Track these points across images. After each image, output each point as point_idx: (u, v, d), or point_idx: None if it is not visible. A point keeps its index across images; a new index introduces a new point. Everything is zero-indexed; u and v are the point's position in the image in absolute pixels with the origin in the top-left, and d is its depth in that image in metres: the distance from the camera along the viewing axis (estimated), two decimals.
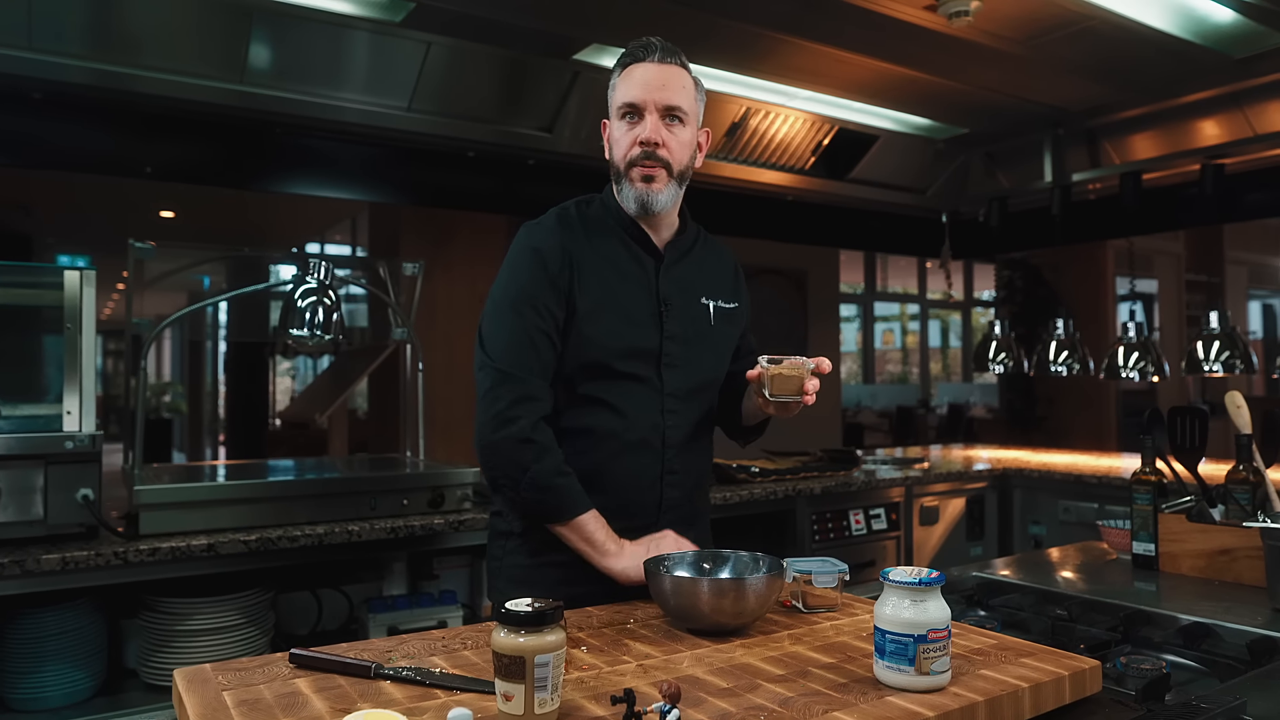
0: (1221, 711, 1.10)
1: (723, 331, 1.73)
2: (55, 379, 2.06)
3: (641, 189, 1.59)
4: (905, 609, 1.06)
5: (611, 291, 1.60)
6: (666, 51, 1.60)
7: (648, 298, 1.63)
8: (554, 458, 1.53)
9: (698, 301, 1.69)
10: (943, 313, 12.76)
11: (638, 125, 1.58)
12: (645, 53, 1.59)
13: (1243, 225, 8.56)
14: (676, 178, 1.62)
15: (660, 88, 1.57)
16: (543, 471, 1.51)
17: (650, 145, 1.57)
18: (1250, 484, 1.90)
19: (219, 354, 9.98)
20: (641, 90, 1.57)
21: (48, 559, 1.85)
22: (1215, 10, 2.58)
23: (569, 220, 1.64)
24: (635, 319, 1.61)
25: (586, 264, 1.60)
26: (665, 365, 1.62)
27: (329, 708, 1.00)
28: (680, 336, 1.64)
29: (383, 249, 6.40)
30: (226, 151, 2.89)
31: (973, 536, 3.66)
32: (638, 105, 1.58)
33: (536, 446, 1.52)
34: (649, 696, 1.01)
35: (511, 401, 1.52)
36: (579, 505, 1.53)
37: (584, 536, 1.52)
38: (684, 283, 1.68)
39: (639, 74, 1.59)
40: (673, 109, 1.58)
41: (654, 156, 1.58)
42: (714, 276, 1.75)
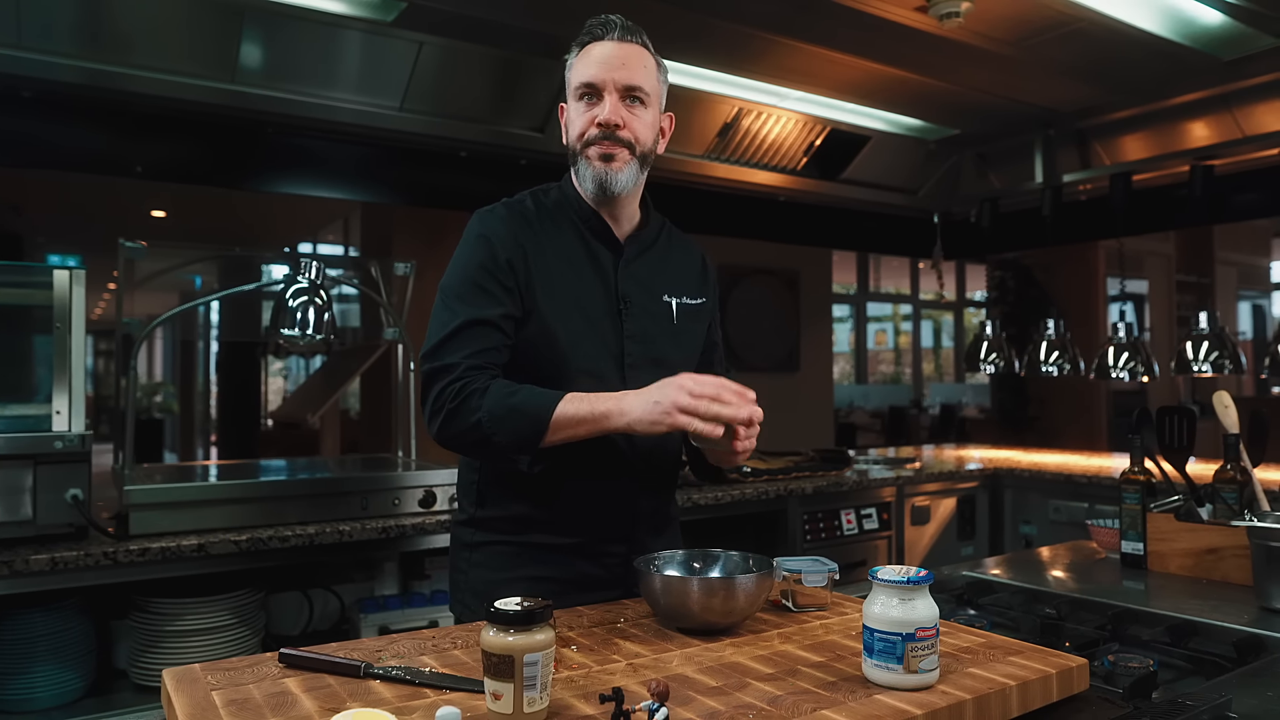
0: (1206, 709, 1.11)
1: (687, 329, 1.64)
2: (45, 379, 2.06)
3: (600, 168, 1.50)
4: (893, 608, 1.07)
5: (566, 288, 1.51)
6: (626, 30, 1.52)
7: (605, 295, 1.55)
8: (494, 390, 1.40)
9: (659, 299, 1.60)
10: (935, 313, 12.80)
11: (596, 105, 1.50)
12: (604, 30, 1.51)
13: (1232, 226, 8.62)
14: (639, 158, 1.53)
15: (620, 66, 1.49)
16: (492, 409, 1.38)
17: (609, 126, 1.49)
18: (1238, 483, 1.92)
19: (211, 354, 9.96)
20: (600, 69, 1.49)
21: (37, 559, 1.85)
22: (1204, 12, 2.60)
23: (521, 210, 1.56)
24: (592, 317, 1.53)
25: (538, 258, 1.51)
26: (628, 366, 1.53)
27: (318, 707, 1.00)
28: (641, 335, 1.56)
29: (375, 249, 6.39)
30: (218, 151, 2.88)
31: (964, 536, 3.68)
32: (596, 85, 1.49)
33: (472, 397, 1.40)
34: (638, 695, 1.01)
35: (439, 391, 1.42)
36: (547, 403, 1.38)
37: (576, 421, 1.38)
38: (644, 279, 1.59)
39: (597, 52, 1.50)
40: (633, 89, 1.50)
41: (613, 137, 1.49)
42: (679, 272, 1.66)
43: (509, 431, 1.39)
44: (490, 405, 1.39)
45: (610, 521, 1.55)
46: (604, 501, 1.54)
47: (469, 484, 1.60)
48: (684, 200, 3.53)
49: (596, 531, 1.54)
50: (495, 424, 1.39)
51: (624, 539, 1.56)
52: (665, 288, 1.62)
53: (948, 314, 12.79)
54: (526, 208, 1.57)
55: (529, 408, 1.39)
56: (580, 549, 1.54)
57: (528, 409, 1.39)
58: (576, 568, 1.54)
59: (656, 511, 1.61)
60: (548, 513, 1.53)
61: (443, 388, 1.43)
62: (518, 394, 1.41)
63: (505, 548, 1.54)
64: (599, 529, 1.54)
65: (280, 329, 2.39)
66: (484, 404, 1.39)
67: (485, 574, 1.55)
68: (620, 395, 1.38)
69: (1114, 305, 8.25)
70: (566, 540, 1.53)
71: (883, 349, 13.01)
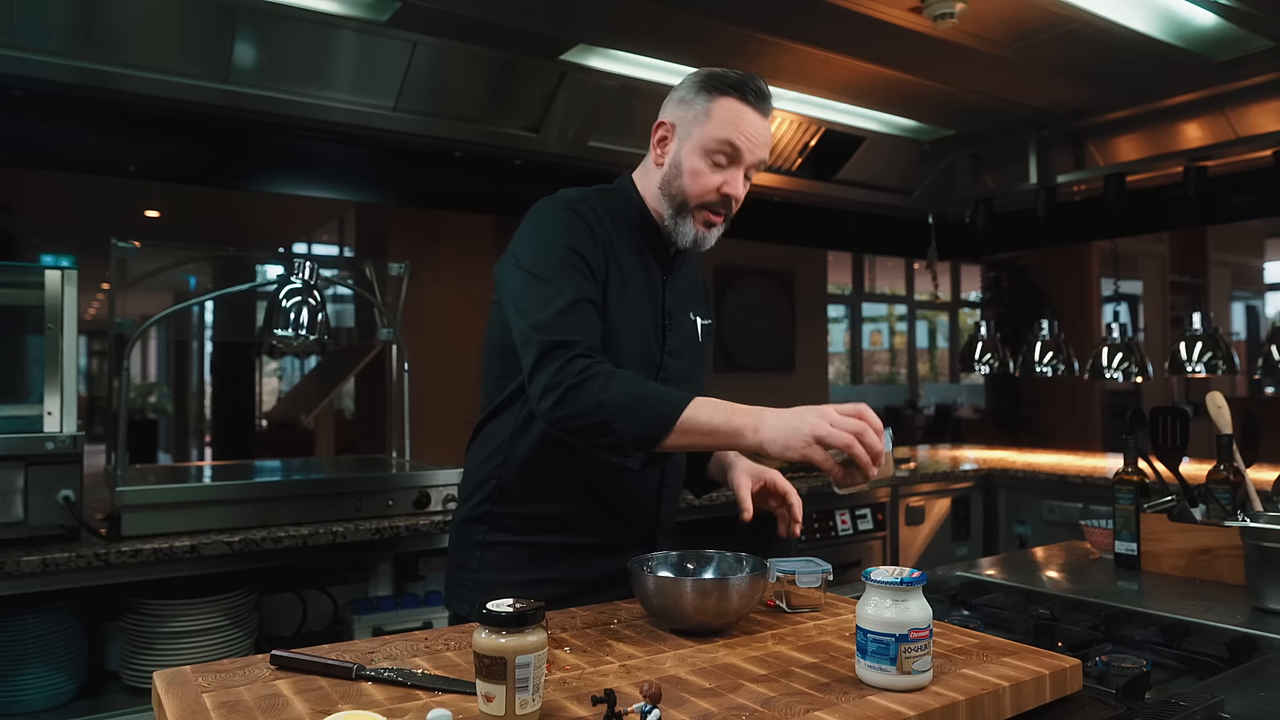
0: (1199, 709, 1.11)
1: (704, 349, 1.69)
2: (37, 379, 2.05)
3: (703, 233, 1.53)
4: (887, 609, 1.07)
5: (627, 296, 1.52)
6: (769, 100, 1.52)
7: (653, 309, 1.57)
8: (623, 376, 1.33)
9: (688, 317, 1.64)
10: (930, 313, 12.82)
11: (727, 173, 1.50)
12: (756, 98, 1.50)
13: (1226, 227, 8.65)
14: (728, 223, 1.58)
15: (763, 145, 1.51)
16: (620, 394, 1.31)
17: (733, 199, 1.52)
18: (1231, 484, 1.92)
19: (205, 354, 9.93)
20: (747, 142, 1.49)
21: (28, 561, 1.84)
22: (1197, 14, 2.60)
23: (594, 209, 1.52)
24: (643, 329, 1.54)
25: (608, 259, 1.50)
26: (662, 380, 1.54)
27: (310, 709, 1.00)
28: (677, 351, 1.59)
29: (370, 249, 6.38)
30: (211, 151, 2.87)
31: (958, 536, 3.68)
32: (739, 156, 1.49)
33: (597, 379, 1.32)
34: (631, 697, 1.01)
35: (559, 367, 1.34)
36: (678, 400, 1.31)
37: (707, 429, 1.30)
38: (681, 296, 1.63)
39: (745, 120, 1.49)
40: (759, 165, 1.54)
41: (729, 207, 1.53)
42: (695, 291, 1.70)
43: (633, 422, 1.31)
44: (618, 390, 1.32)
45: (634, 523, 1.57)
46: (631, 503, 1.56)
47: (483, 480, 1.57)
48: None
49: (620, 533, 1.55)
50: (620, 412, 1.31)
51: (644, 541, 1.57)
52: (689, 306, 1.65)
53: (943, 314, 12.81)
54: (595, 205, 1.53)
55: (659, 402, 1.32)
56: (601, 549, 1.54)
57: (657, 403, 1.32)
58: (596, 569, 1.53)
59: (670, 515, 1.64)
60: (572, 512, 1.53)
61: (564, 363, 1.34)
62: (647, 385, 1.36)
63: (522, 548, 1.53)
64: (623, 530, 1.55)
65: (274, 329, 2.39)
66: (611, 388, 1.32)
67: (497, 575, 1.53)
68: (758, 411, 1.30)
69: (1108, 306, 8.27)
70: (588, 540, 1.54)
71: (878, 349, 13.02)
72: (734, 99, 1.49)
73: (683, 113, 1.53)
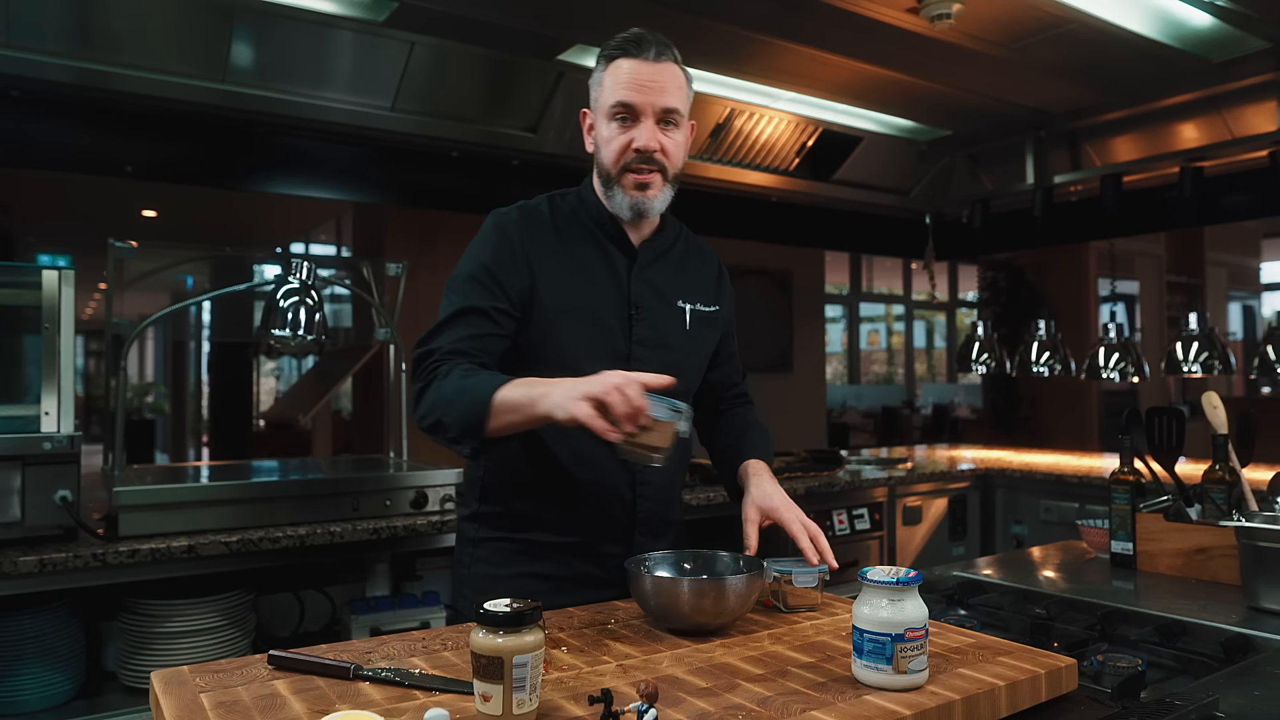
0: (1194, 708, 1.12)
1: (699, 336, 1.66)
2: (34, 379, 2.05)
3: (637, 197, 1.52)
4: (883, 608, 1.07)
5: (575, 291, 1.53)
6: (661, 47, 1.51)
7: (618, 299, 1.56)
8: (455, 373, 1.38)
9: (673, 304, 1.62)
10: (927, 313, 12.83)
11: (632, 129, 1.50)
12: (638, 49, 1.50)
13: (1222, 227, 8.67)
14: (671, 181, 1.56)
15: (659, 90, 1.49)
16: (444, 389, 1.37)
17: (647, 152, 1.50)
18: (1226, 484, 1.93)
19: (202, 354, 9.93)
20: (637, 92, 1.48)
21: (25, 561, 1.84)
22: (1193, 15, 2.61)
23: (536, 214, 1.57)
24: (602, 322, 1.54)
25: (547, 261, 1.52)
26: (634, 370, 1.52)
27: (307, 709, 1.00)
28: (651, 340, 1.57)
29: (367, 249, 6.38)
30: (209, 151, 2.87)
31: (955, 536, 3.68)
32: (633, 108, 1.49)
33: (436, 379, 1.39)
34: (628, 696, 1.01)
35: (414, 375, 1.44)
36: (493, 384, 1.34)
37: (512, 408, 1.32)
38: (659, 284, 1.61)
39: (633, 73, 1.49)
40: (670, 111, 1.51)
41: (650, 160, 1.51)
42: (695, 278, 1.68)
43: (457, 413, 1.36)
44: (446, 387, 1.37)
45: (608, 523, 1.57)
46: (603, 503, 1.56)
47: (474, 480, 1.63)
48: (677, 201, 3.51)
49: (594, 532, 1.56)
50: (446, 406, 1.37)
51: (621, 541, 1.57)
52: (680, 293, 1.64)
53: (940, 314, 12.82)
54: (541, 212, 1.59)
55: (476, 390, 1.35)
56: (577, 548, 1.56)
57: (474, 391, 1.35)
58: (575, 566, 1.56)
59: (655, 515, 1.61)
60: (547, 511, 1.56)
61: (417, 373, 1.44)
62: (473, 376, 1.38)
63: (506, 544, 1.57)
64: (597, 530, 1.56)
65: (271, 329, 2.39)
66: (442, 387, 1.38)
67: (486, 569, 1.57)
68: (555, 382, 1.31)
69: (1105, 306, 8.28)
70: (564, 539, 1.56)
71: (875, 349, 13.04)
72: (619, 59, 1.51)
73: (592, 94, 1.57)
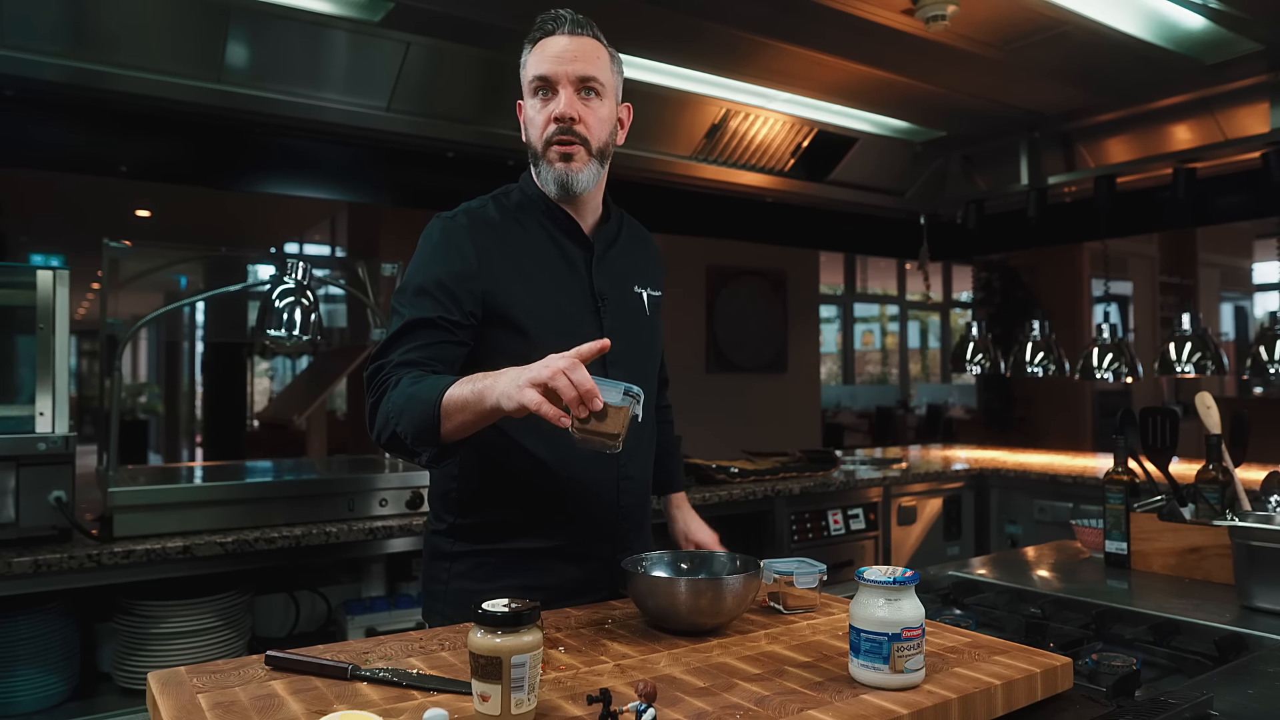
0: (1188, 707, 1.12)
1: (656, 321, 1.66)
2: (28, 379, 2.04)
3: (561, 169, 1.49)
4: (880, 608, 1.07)
5: (540, 291, 1.50)
6: (577, 23, 1.50)
7: (581, 293, 1.53)
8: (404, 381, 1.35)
9: (631, 291, 1.60)
10: (922, 314, 12.85)
11: (551, 101, 1.48)
12: (555, 25, 1.50)
13: (1215, 229, 8.70)
14: (597, 155, 1.51)
15: (573, 59, 1.47)
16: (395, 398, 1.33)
17: (566, 120, 1.47)
18: (1220, 483, 1.94)
19: (196, 354, 9.90)
20: (553, 63, 1.47)
21: (19, 562, 1.83)
22: (1186, 17, 2.62)
23: (483, 216, 1.52)
24: (571, 317, 1.51)
25: (504, 262, 1.48)
26: (610, 363, 1.47)
27: (305, 709, 1.00)
28: (621, 330, 1.51)
29: (362, 249, 6.37)
30: (204, 151, 2.86)
31: (950, 536, 3.69)
32: (550, 79, 1.47)
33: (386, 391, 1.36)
34: (626, 696, 1.01)
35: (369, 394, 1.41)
36: (440, 385, 1.30)
37: (460, 405, 1.28)
38: (616, 273, 1.59)
39: (550, 47, 1.49)
40: (588, 80, 1.48)
41: (571, 132, 1.47)
42: (642, 263, 1.66)
43: (408, 420, 1.31)
44: (395, 396, 1.34)
45: (594, 521, 1.53)
46: (588, 501, 1.52)
47: (445, 492, 1.56)
48: (672, 201, 3.53)
49: (580, 532, 1.52)
50: (398, 416, 1.33)
51: (609, 538, 1.54)
52: (635, 280, 1.63)
53: (934, 315, 12.85)
54: (489, 212, 1.54)
55: (425, 394, 1.30)
56: (562, 552, 1.51)
57: (423, 395, 1.30)
58: (560, 573, 1.51)
59: (638, 508, 1.60)
60: (529, 515, 1.50)
61: (370, 389, 1.41)
62: (421, 381, 1.34)
63: (488, 557, 1.51)
64: (583, 530, 1.52)
65: (267, 330, 2.38)
66: (391, 397, 1.35)
67: (467, 584, 1.50)
68: (500, 373, 1.25)
69: (1098, 306, 8.30)
70: (551, 543, 1.51)
71: (870, 350, 13.06)
72: (538, 40, 1.51)
73: (521, 81, 1.55)
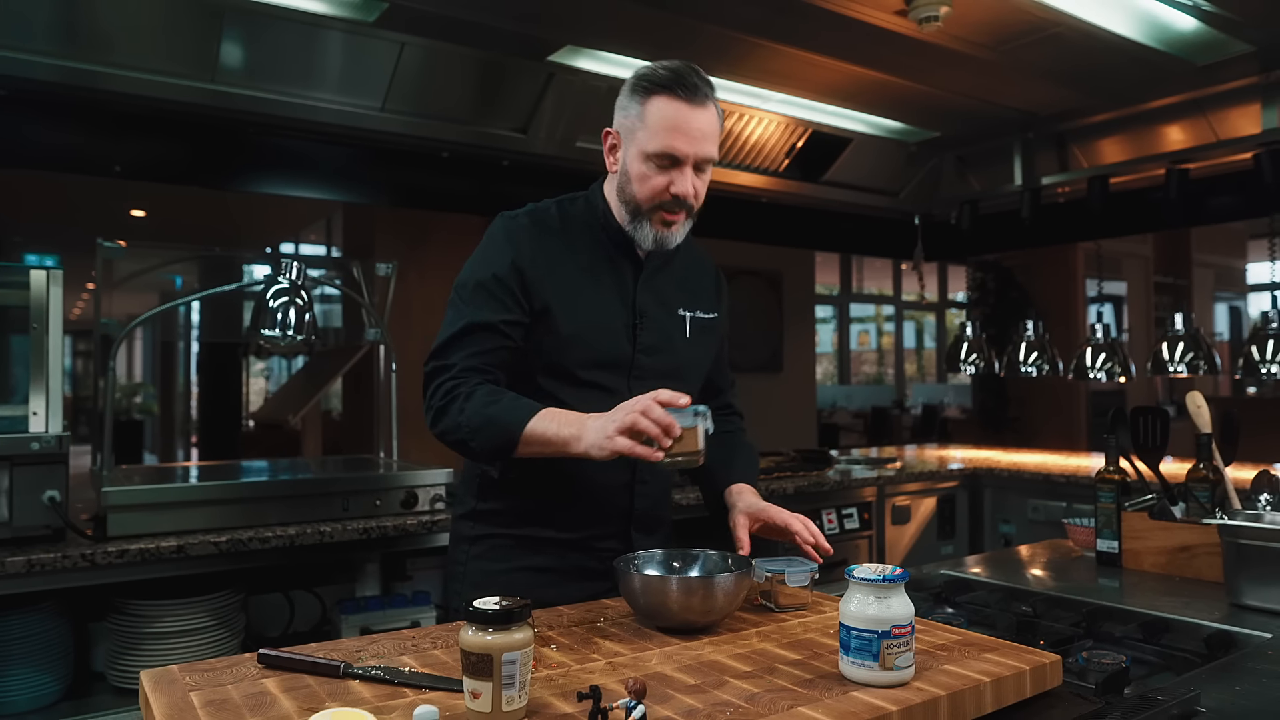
0: (1176, 704, 1.13)
1: (699, 343, 1.69)
2: (21, 379, 2.04)
3: (663, 233, 1.54)
4: (870, 605, 1.08)
5: (584, 299, 1.56)
6: (706, 90, 1.50)
7: (623, 308, 1.59)
8: (478, 396, 1.45)
9: (674, 313, 1.65)
10: (917, 314, 12.87)
11: (672, 173, 1.50)
12: (686, 93, 1.48)
13: (1208, 229, 8.73)
14: (692, 216, 1.58)
15: (701, 138, 1.49)
16: (472, 416, 1.44)
17: (685, 198, 1.51)
18: (1210, 482, 1.94)
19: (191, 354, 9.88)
20: (684, 142, 1.48)
21: (13, 561, 1.83)
22: (1178, 19, 2.63)
23: (545, 219, 1.59)
24: (609, 329, 1.57)
25: (558, 267, 1.55)
26: (634, 378, 1.58)
27: (297, 707, 1.00)
28: (653, 349, 1.60)
29: (357, 249, 6.37)
30: (198, 151, 2.86)
31: (944, 535, 3.70)
32: (679, 157, 1.49)
33: (458, 400, 1.46)
34: (616, 693, 1.01)
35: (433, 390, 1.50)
36: (520, 415, 1.42)
37: (543, 441, 1.41)
38: (662, 294, 1.64)
39: (678, 118, 1.48)
40: (707, 161, 1.52)
41: (684, 206, 1.53)
42: (695, 286, 1.70)
43: (484, 439, 1.44)
44: (471, 412, 1.44)
45: (605, 519, 1.60)
46: (600, 500, 1.59)
47: (472, 478, 1.65)
48: None
49: (592, 528, 1.59)
50: (473, 432, 1.44)
51: (617, 535, 1.61)
52: (681, 302, 1.66)
53: (929, 315, 12.87)
54: (551, 216, 1.60)
55: (504, 420, 1.42)
56: (576, 543, 1.59)
57: (502, 421, 1.42)
58: (572, 559, 1.59)
59: (650, 512, 1.65)
60: (546, 507, 1.59)
61: (436, 386, 1.49)
62: (498, 404, 1.44)
63: (504, 540, 1.59)
64: (594, 525, 1.59)
65: (261, 329, 2.38)
66: (466, 409, 1.44)
67: (484, 565, 1.60)
68: (583, 420, 1.39)
69: (1092, 306, 8.33)
70: (563, 535, 1.59)
71: (865, 350, 13.07)
72: (665, 98, 1.49)
73: (623, 119, 1.55)
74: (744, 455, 1.77)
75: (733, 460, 1.72)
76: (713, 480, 1.71)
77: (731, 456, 1.73)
